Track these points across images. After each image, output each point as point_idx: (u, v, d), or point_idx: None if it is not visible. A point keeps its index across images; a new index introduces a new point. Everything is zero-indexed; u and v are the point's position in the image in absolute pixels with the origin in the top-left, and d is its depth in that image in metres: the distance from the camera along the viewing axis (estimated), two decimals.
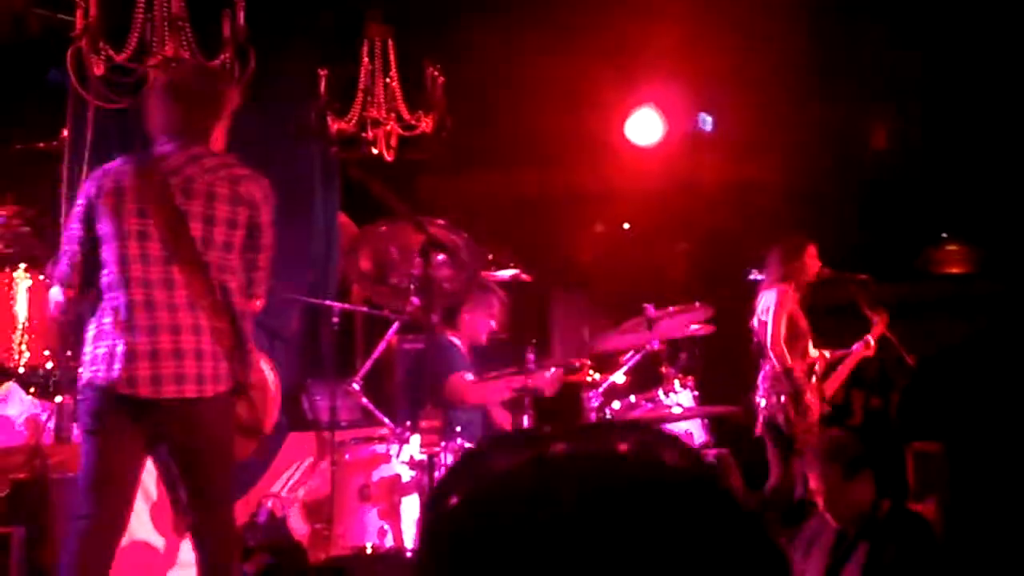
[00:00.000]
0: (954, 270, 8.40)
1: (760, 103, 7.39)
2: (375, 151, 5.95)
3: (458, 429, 5.20)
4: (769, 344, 6.09)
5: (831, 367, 6.29)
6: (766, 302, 6.20)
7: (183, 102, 3.51)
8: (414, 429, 4.73)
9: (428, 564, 1.07)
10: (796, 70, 7.16)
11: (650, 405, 5.71)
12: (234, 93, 3.71)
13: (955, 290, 8.03)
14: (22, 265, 5.26)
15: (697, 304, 5.83)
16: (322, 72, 5.73)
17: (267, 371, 3.83)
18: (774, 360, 6.08)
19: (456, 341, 5.85)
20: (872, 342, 6.39)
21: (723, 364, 6.76)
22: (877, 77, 7.49)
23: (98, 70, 4.57)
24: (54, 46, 4.77)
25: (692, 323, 6.01)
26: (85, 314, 3.50)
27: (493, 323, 5.97)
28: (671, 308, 5.73)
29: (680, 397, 5.73)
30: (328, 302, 5.67)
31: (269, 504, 5.03)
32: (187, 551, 5.01)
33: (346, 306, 5.84)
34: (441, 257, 4.91)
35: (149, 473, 4.89)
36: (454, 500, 1.08)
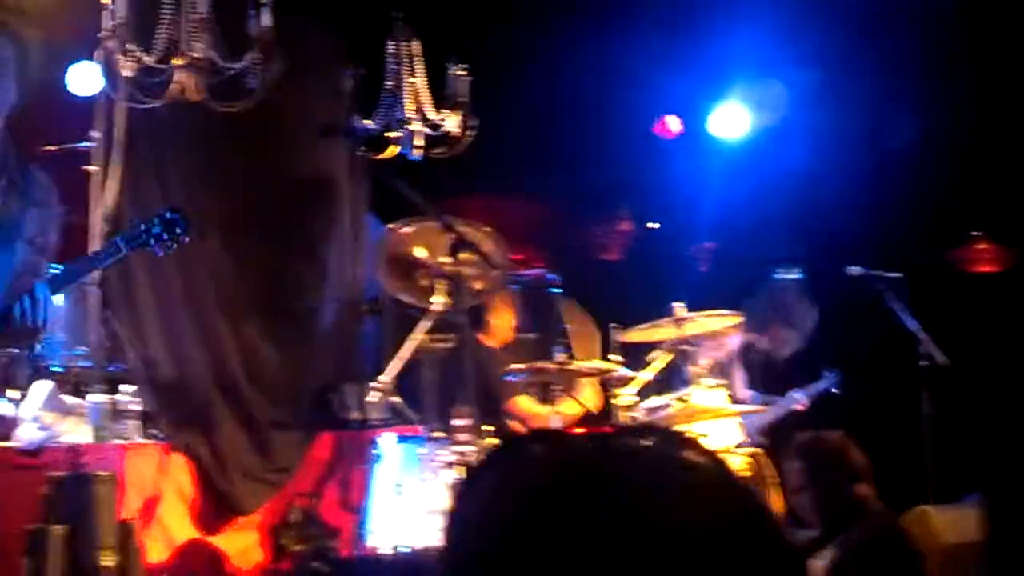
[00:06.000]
0: (985, 269, 8.30)
1: (789, 98, 7.35)
2: (401, 150, 5.92)
3: None
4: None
5: None
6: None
7: None
8: (445, 428, 4.73)
9: (456, 543, 1.03)
10: (827, 65, 7.11)
11: (681, 405, 5.68)
12: None
13: (986, 289, 7.93)
14: None
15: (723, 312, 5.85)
16: (348, 71, 5.72)
17: None
18: None
19: (492, 346, 5.82)
20: None
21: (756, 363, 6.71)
22: (914, 72, 7.37)
23: (127, 71, 4.57)
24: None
25: (723, 330, 6.01)
26: None
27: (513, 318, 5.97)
28: (698, 314, 5.73)
29: (712, 396, 5.71)
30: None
31: (301, 504, 5.00)
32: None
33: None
34: (470, 256, 4.90)
35: (183, 470, 4.88)
36: (490, 481, 1.04)
